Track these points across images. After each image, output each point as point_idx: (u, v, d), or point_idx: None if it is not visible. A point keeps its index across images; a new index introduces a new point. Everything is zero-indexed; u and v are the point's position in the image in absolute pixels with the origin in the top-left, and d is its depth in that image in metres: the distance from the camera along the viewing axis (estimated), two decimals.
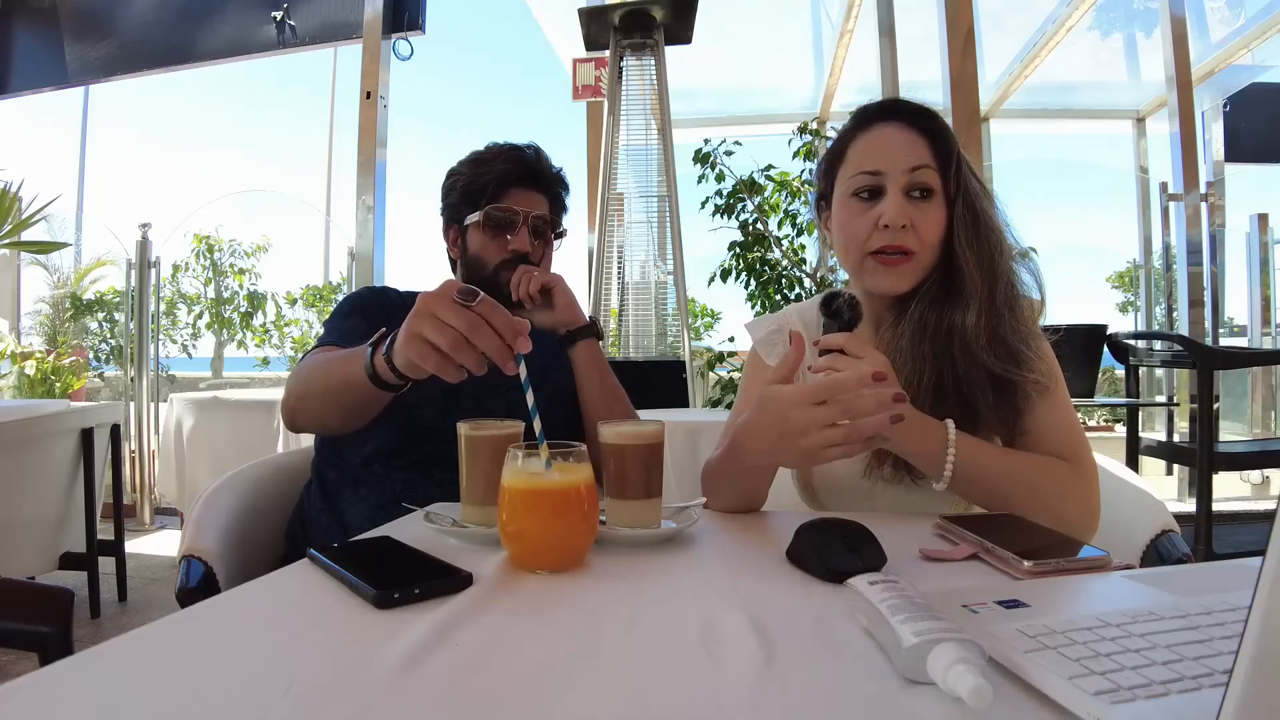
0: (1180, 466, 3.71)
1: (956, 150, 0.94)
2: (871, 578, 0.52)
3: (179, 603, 0.87)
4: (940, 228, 0.94)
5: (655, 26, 3.29)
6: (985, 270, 0.91)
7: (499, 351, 0.69)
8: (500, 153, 1.21)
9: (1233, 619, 0.46)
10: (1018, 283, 0.95)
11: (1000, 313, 0.91)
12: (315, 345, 1.14)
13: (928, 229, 0.93)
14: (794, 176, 3.94)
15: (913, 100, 0.98)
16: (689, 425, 1.97)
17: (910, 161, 0.93)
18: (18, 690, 0.43)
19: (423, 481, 1.09)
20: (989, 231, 0.93)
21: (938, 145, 0.94)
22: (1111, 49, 5.08)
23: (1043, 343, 0.96)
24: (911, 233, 0.93)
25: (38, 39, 4.41)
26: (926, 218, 0.93)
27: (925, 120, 0.95)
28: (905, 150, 0.94)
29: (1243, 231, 4.31)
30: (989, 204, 0.95)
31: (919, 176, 0.93)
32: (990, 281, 0.91)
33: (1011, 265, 0.94)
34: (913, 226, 0.93)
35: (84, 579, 2.43)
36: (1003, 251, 0.93)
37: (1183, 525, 0.96)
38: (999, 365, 0.90)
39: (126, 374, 4.03)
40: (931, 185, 0.93)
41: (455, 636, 0.52)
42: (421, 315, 0.72)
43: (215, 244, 6.67)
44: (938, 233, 0.94)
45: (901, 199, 0.93)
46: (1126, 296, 7.74)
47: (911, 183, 0.93)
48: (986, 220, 0.93)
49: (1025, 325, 0.93)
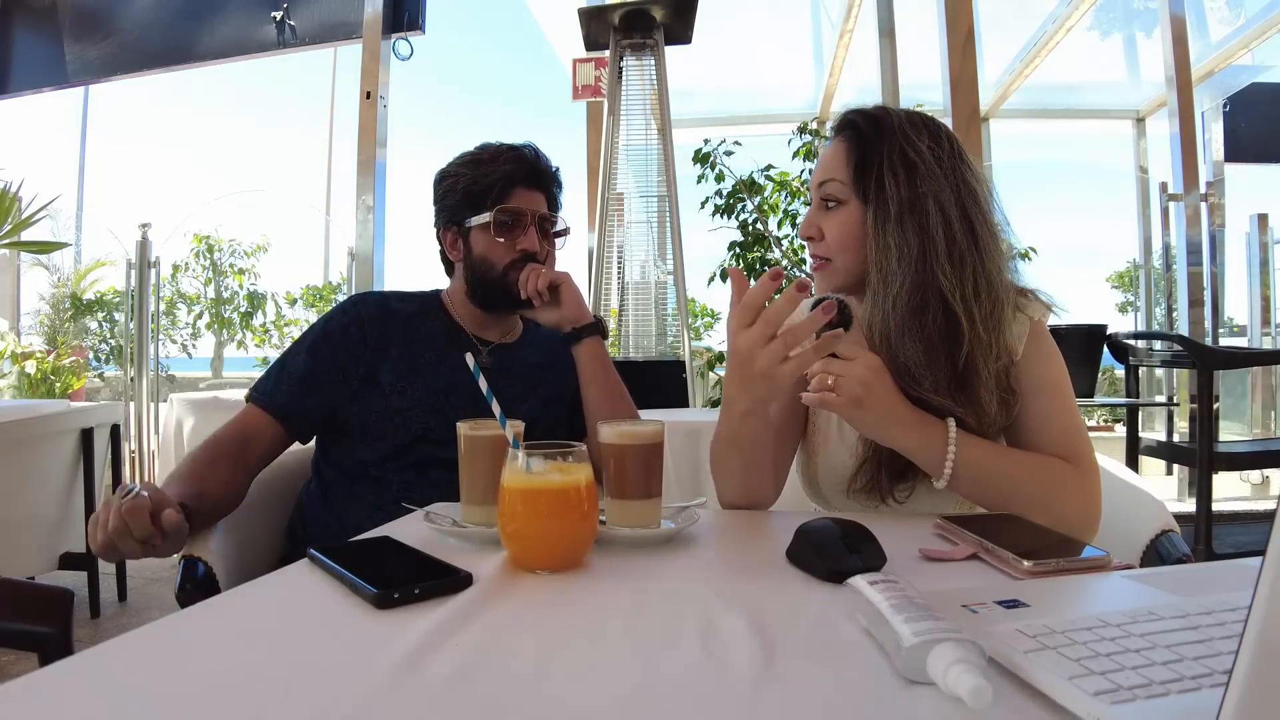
0: (1180, 466, 3.72)
1: (871, 154, 0.93)
2: (871, 578, 0.52)
3: (179, 603, 0.87)
4: (848, 233, 0.95)
5: (655, 26, 3.29)
6: (880, 274, 0.91)
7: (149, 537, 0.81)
8: (500, 153, 1.20)
9: (1233, 619, 0.46)
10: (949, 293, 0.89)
11: (888, 323, 0.90)
12: (253, 390, 1.13)
13: (833, 236, 0.97)
14: (794, 176, 3.95)
15: (856, 109, 0.98)
16: (689, 425, 1.97)
17: (821, 176, 0.98)
18: (18, 690, 0.43)
19: (420, 481, 1.09)
20: (898, 235, 0.90)
21: (859, 152, 0.94)
22: (1111, 49, 5.08)
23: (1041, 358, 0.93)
24: (823, 242, 0.98)
25: (38, 39, 4.41)
26: (831, 225, 0.97)
27: (850, 130, 0.97)
28: (823, 165, 0.99)
29: (1243, 231, 4.32)
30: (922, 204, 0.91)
31: (825, 190, 0.97)
32: (883, 286, 0.91)
33: (933, 274, 0.89)
34: (823, 236, 0.98)
35: (84, 579, 2.43)
36: (914, 258, 0.89)
37: (1183, 525, 0.96)
38: (899, 380, 0.88)
39: (126, 374, 4.03)
40: (837, 196, 0.96)
41: (455, 636, 0.51)
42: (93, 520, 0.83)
43: (215, 244, 6.68)
44: (846, 238, 0.95)
45: (815, 211, 0.99)
46: (1126, 296, 7.74)
47: (821, 196, 0.98)
48: (903, 223, 0.90)
49: (941, 345, 0.89)
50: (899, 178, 0.91)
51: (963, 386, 0.89)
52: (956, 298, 0.89)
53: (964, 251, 0.90)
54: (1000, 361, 0.91)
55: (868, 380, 0.82)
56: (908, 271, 0.90)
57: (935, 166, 0.91)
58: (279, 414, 1.10)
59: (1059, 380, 0.94)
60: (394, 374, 1.13)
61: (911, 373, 0.89)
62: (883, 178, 0.92)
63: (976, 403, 0.89)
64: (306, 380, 1.11)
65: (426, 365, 1.16)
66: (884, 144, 0.93)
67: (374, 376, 1.13)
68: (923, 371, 0.89)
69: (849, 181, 0.95)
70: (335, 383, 1.12)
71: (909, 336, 0.89)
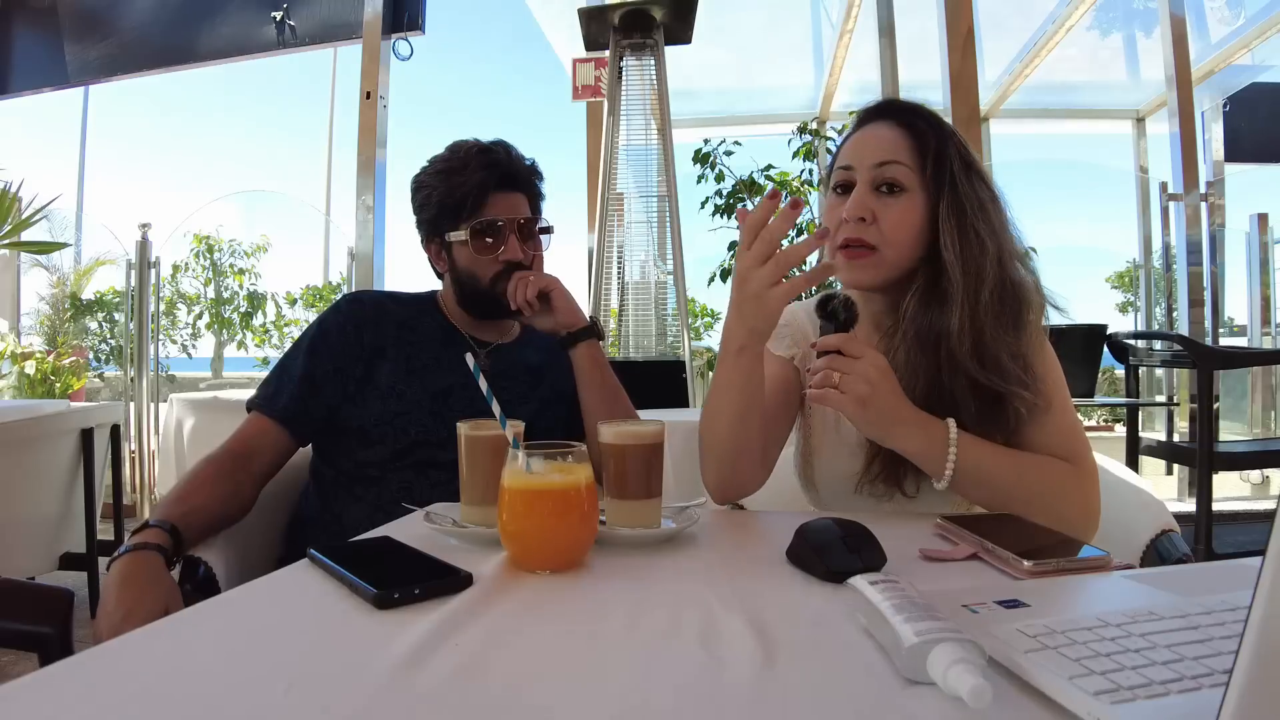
0: (1180, 466, 3.71)
1: (944, 148, 0.92)
2: (871, 578, 0.52)
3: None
4: (911, 224, 0.92)
5: (655, 26, 3.29)
6: (970, 273, 0.89)
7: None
8: (470, 159, 1.16)
9: (1233, 619, 0.46)
10: (1022, 291, 0.92)
11: (983, 320, 0.89)
12: (255, 398, 1.12)
13: (892, 224, 0.91)
14: (794, 176, 3.95)
15: (909, 101, 0.98)
16: (689, 425, 1.95)
17: (879, 156, 0.92)
18: (18, 690, 0.43)
19: (419, 482, 1.09)
20: (977, 234, 0.90)
21: (921, 142, 0.93)
22: (1111, 49, 5.08)
23: (1045, 359, 0.94)
24: (874, 227, 0.91)
25: (38, 39, 4.41)
26: (891, 212, 0.91)
27: (910, 117, 0.95)
28: (879, 146, 0.94)
29: (1243, 231, 4.31)
30: (988, 205, 0.93)
31: (886, 171, 0.92)
32: (975, 284, 0.89)
33: (1010, 272, 0.92)
34: (876, 221, 0.92)
35: (84, 579, 2.42)
36: (995, 256, 0.91)
37: (1183, 525, 0.96)
38: (983, 374, 0.88)
39: (126, 374, 4.02)
40: (901, 180, 0.92)
41: (455, 636, 0.51)
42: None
43: (215, 244, 6.67)
44: (906, 228, 0.92)
45: (866, 192, 0.92)
46: (1126, 296, 7.73)
47: (878, 177, 0.92)
48: (978, 221, 0.91)
49: (1020, 337, 0.91)
50: (970, 177, 0.92)
51: (1030, 374, 0.91)
52: (1028, 295, 0.92)
53: (1016, 249, 0.94)
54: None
55: (873, 379, 0.82)
56: (993, 268, 0.90)
57: (984, 171, 0.94)
58: (283, 418, 1.10)
59: (1058, 381, 0.95)
60: (391, 376, 1.13)
61: (1002, 368, 0.89)
62: (956, 174, 0.91)
63: (1037, 394, 0.90)
64: (308, 381, 1.11)
65: (424, 368, 1.15)
66: (951, 141, 0.93)
67: (371, 378, 1.13)
68: (1012, 365, 0.89)
69: (916, 169, 0.92)
70: (334, 383, 1.11)
71: (1001, 332, 0.90)
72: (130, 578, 0.83)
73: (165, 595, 0.82)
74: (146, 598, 0.81)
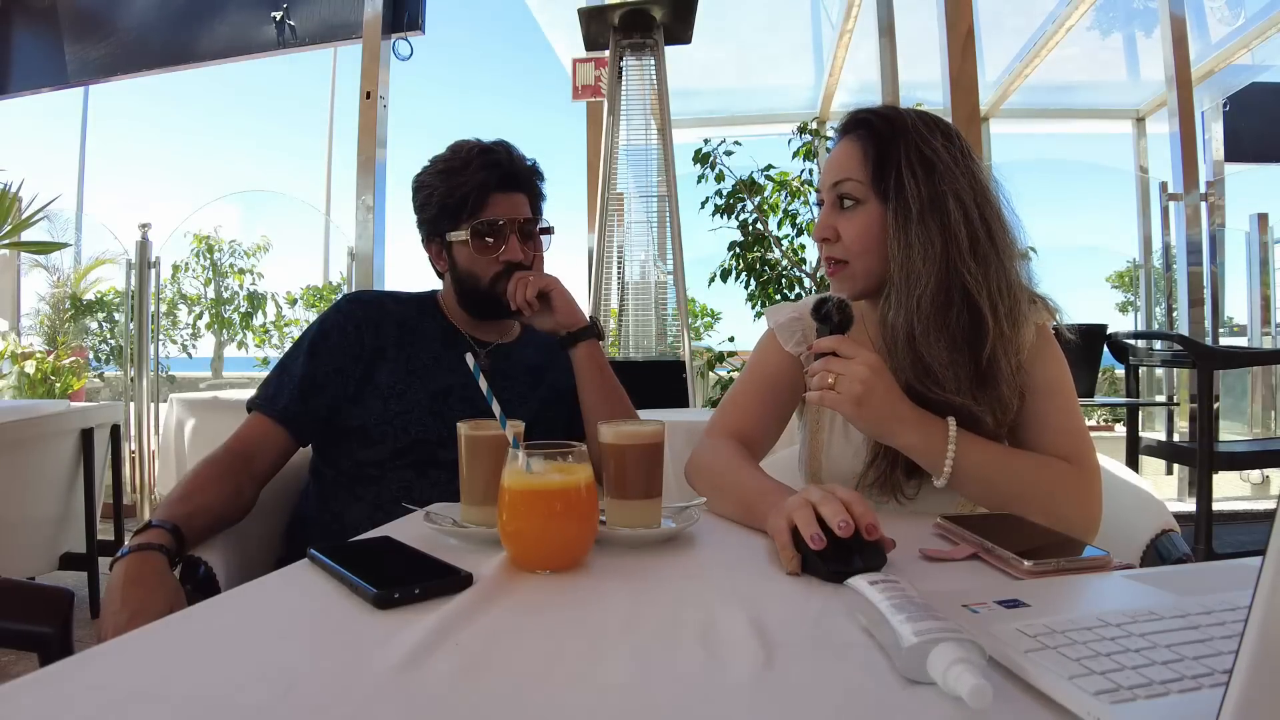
0: (1180, 466, 3.71)
1: (891, 152, 0.92)
2: (871, 578, 0.52)
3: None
4: (869, 234, 0.93)
5: (655, 26, 3.29)
6: (905, 274, 0.90)
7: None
8: (471, 159, 1.16)
9: (1233, 619, 0.46)
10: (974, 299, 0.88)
11: (914, 324, 0.89)
12: (255, 398, 1.12)
13: (851, 237, 0.95)
14: (794, 176, 3.95)
15: (870, 108, 0.97)
16: (689, 425, 1.96)
17: (835, 176, 0.96)
18: (18, 690, 0.42)
19: (419, 482, 1.09)
20: (923, 234, 0.89)
21: (875, 150, 0.93)
22: (1111, 49, 5.08)
23: (1047, 362, 0.93)
24: (840, 244, 0.96)
25: (38, 39, 4.41)
26: (850, 226, 0.95)
27: (865, 128, 0.95)
28: (835, 164, 0.97)
29: (1243, 231, 4.32)
30: (947, 203, 0.90)
31: (841, 189, 0.95)
32: (909, 286, 0.89)
33: (961, 277, 0.89)
34: (840, 238, 0.95)
35: (84, 579, 2.43)
36: (940, 257, 0.89)
37: (1183, 525, 0.96)
38: (916, 379, 0.89)
39: (126, 374, 4.02)
40: (854, 194, 0.94)
41: (455, 636, 0.52)
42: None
43: (215, 244, 6.67)
44: (866, 239, 0.94)
45: (830, 211, 0.97)
46: (1126, 296, 7.74)
47: (836, 195, 0.96)
48: (929, 220, 0.89)
49: (962, 345, 0.89)
50: (918, 176, 0.91)
51: (984, 384, 0.90)
52: (982, 295, 0.89)
53: (985, 248, 0.90)
54: (1018, 357, 0.92)
55: (868, 379, 0.82)
56: (932, 270, 0.89)
57: (952, 165, 0.91)
58: (283, 418, 1.10)
59: (1062, 382, 0.95)
60: (391, 376, 1.13)
61: (934, 373, 0.89)
62: (902, 176, 0.91)
63: (998, 400, 0.89)
64: (308, 382, 1.11)
65: (424, 368, 1.15)
66: (901, 142, 0.92)
67: (371, 378, 1.13)
68: (946, 372, 0.88)
69: (867, 180, 0.93)
70: (334, 383, 1.12)
71: (934, 335, 0.89)
72: (136, 578, 0.83)
73: (170, 595, 0.82)
74: (152, 598, 0.81)
